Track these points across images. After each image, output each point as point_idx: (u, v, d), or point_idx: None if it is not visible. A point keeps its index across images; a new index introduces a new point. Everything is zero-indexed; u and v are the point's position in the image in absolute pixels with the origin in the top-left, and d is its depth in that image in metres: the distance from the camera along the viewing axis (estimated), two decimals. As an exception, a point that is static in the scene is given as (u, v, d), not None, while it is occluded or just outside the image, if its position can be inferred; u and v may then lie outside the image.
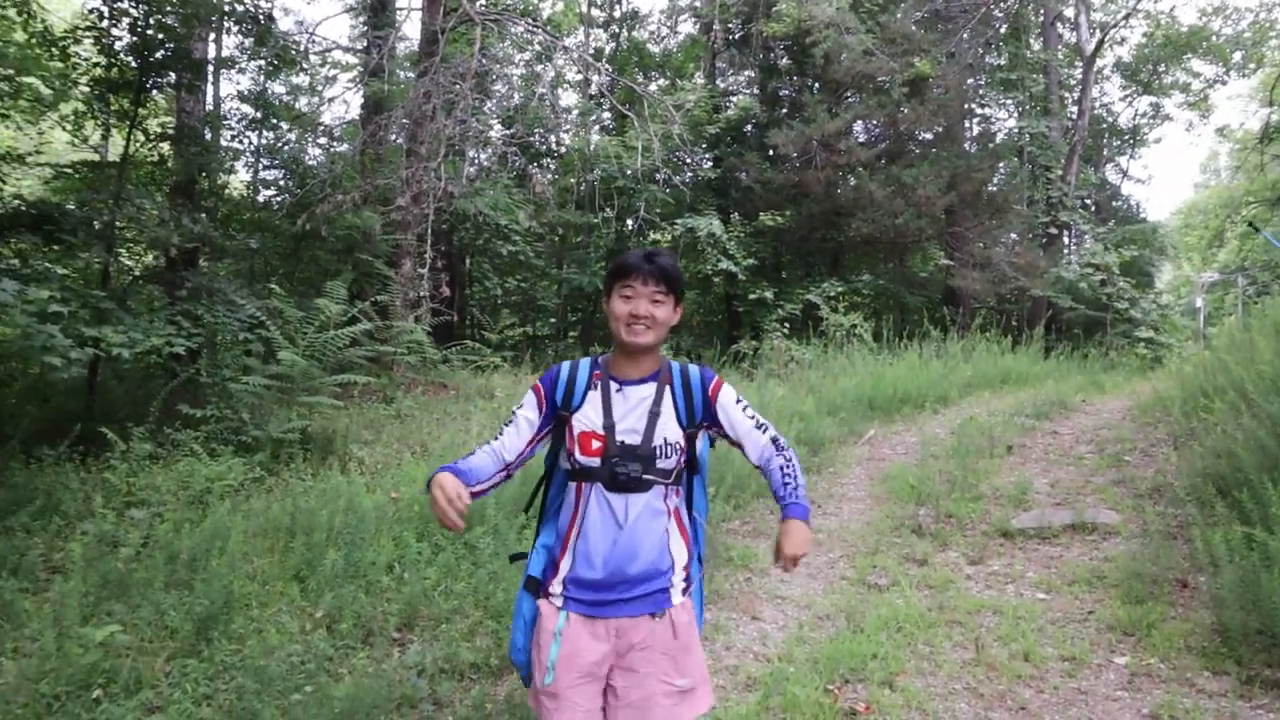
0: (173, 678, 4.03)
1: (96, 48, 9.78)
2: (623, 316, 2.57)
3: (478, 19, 11.92)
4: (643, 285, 2.57)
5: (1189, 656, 4.54)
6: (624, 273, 2.60)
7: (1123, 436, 9.49)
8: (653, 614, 2.56)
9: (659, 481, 2.56)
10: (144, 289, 9.64)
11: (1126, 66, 32.11)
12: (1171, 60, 30.63)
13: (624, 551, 2.52)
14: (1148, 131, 34.27)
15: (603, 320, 20.67)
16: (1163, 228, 32.63)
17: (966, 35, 20.82)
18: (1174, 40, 29.49)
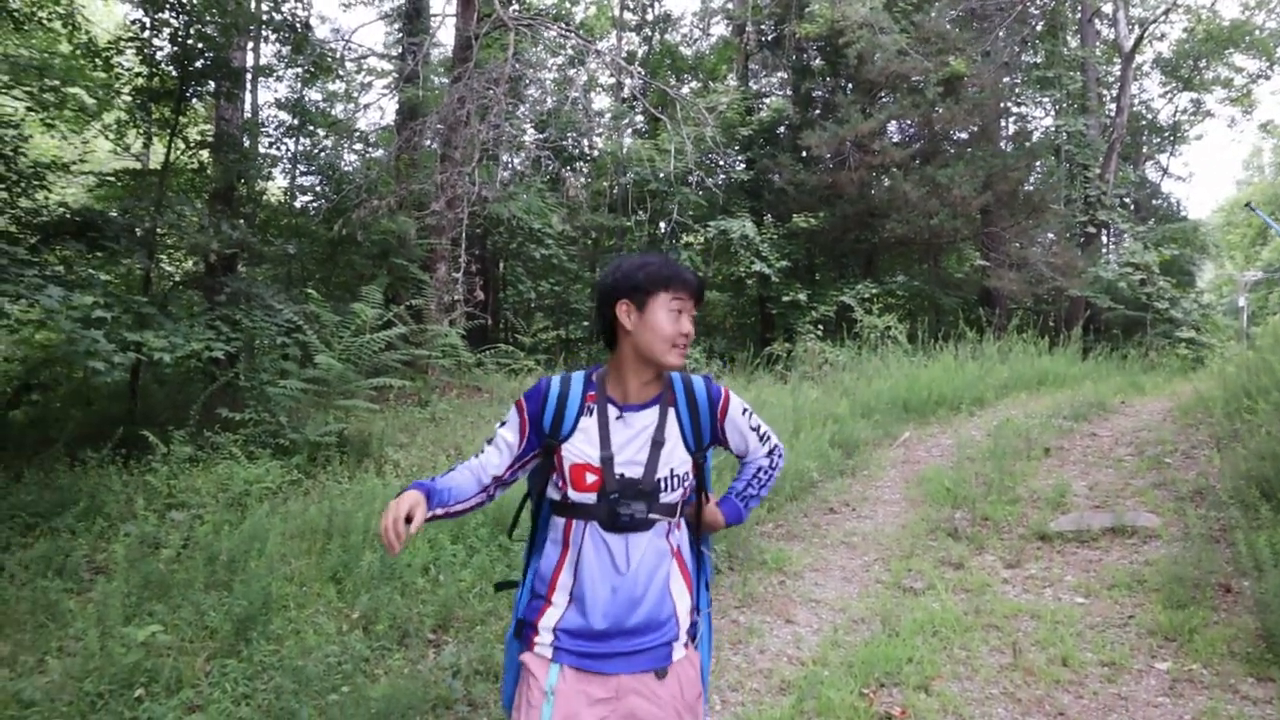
0: (212, 677, 4.08)
1: (138, 58, 9.95)
2: (673, 336, 2.27)
3: (511, 24, 11.98)
4: (689, 301, 2.31)
5: (1232, 662, 4.48)
6: (677, 284, 2.29)
7: (1163, 438, 9.36)
8: (656, 670, 2.25)
9: (663, 518, 2.29)
10: (184, 294, 9.81)
11: (1166, 62, 31.69)
12: (1213, 55, 30.20)
13: (625, 600, 2.23)
14: (1188, 128, 33.81)
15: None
16: (1204, 226, 32.16)
17: (1002, 33, 20.64)
18: (1215, 35, 29.07)
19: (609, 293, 2.32)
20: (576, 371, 2.38)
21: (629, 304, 2.28)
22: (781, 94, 23.03)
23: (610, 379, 2.35)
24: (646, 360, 2.30)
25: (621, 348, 2.33)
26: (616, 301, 2.30)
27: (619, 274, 2.32)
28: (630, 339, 2.29)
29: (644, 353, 2.29)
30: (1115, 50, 27.03)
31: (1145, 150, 32.94)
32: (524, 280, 19.69)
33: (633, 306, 2.28)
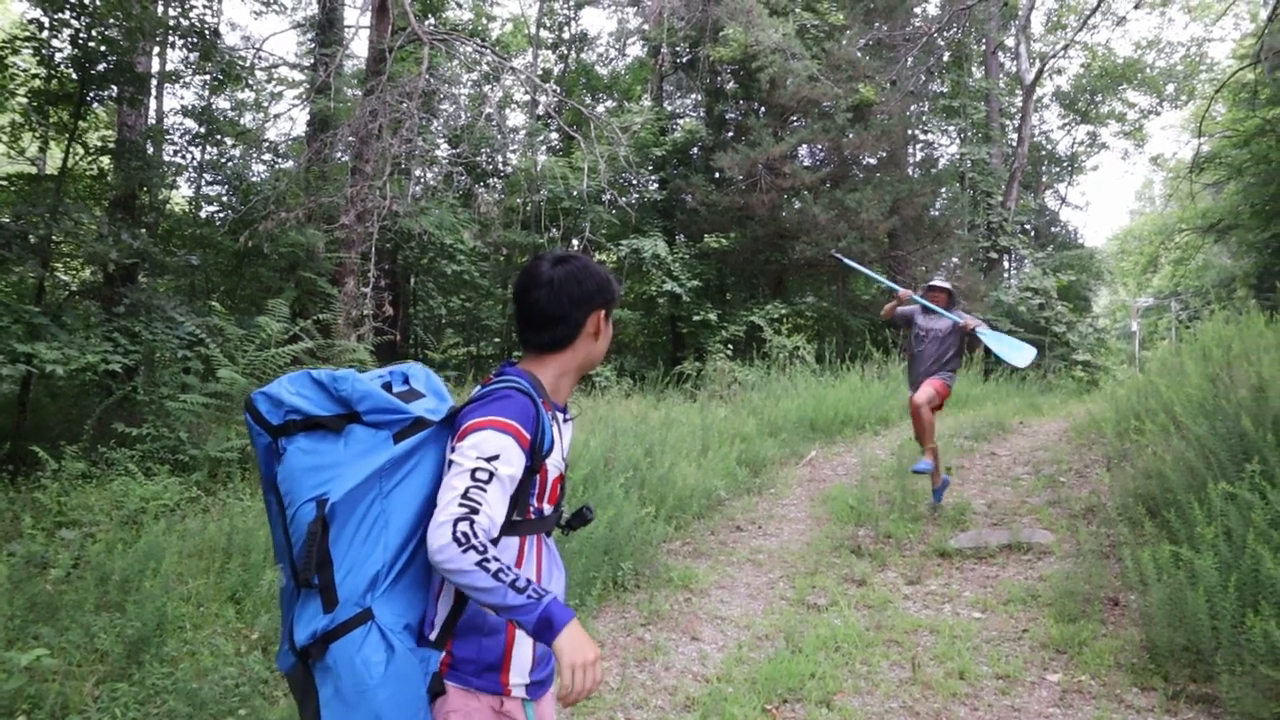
0: (101, 702, 3.94)
1: (35, 59, 9.62)
2: (607, 345, 2.32)
3: (426, 38, 11.90)
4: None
5: (1119, 673, 4.64)
6: (616, 297, 2.31)
7: (1058, 458, 9.68)
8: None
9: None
10: (80, 305, 9.48)
11: (1065, 96, 33.02)
12: (1108, 91, 31.58)
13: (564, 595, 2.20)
14: (1085, 159, 35.29)
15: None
16: (1099, 253, 33.41)
17: (910, 62, 21.20)
18: (1110, 71, 30.41)
19: (589, 298, 2.23)
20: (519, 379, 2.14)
21: (604, 313, 2.26)
22: (695, 116, 23.27)
23: (547, 385, 2.22)
24: (587, 369, 2.31)
25: (574, 354, 2.25)
26: (596, 308, 2.24)
27: (600, 279, 2.25)
28: (590, 348, 2.27)
29: (593, 363, 2.30)
30: (1017, 83, 28.01)
31: (1045, 179, 34.15)
32: (435, 296, 19.49)
33: (604, 316, 2.26)
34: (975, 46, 27.24)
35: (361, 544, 1.94)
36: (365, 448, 2.00)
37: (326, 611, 1.91)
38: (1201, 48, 30.09)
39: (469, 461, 1.94)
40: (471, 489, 1.91)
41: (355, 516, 1.95)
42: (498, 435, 1.99)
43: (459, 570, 1.82)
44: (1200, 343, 8.35)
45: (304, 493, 1.96)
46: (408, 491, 2.02)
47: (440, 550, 1.83)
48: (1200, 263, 32.24)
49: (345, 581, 1.92)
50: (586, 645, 1.90)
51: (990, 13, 24.14)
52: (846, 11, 20.06)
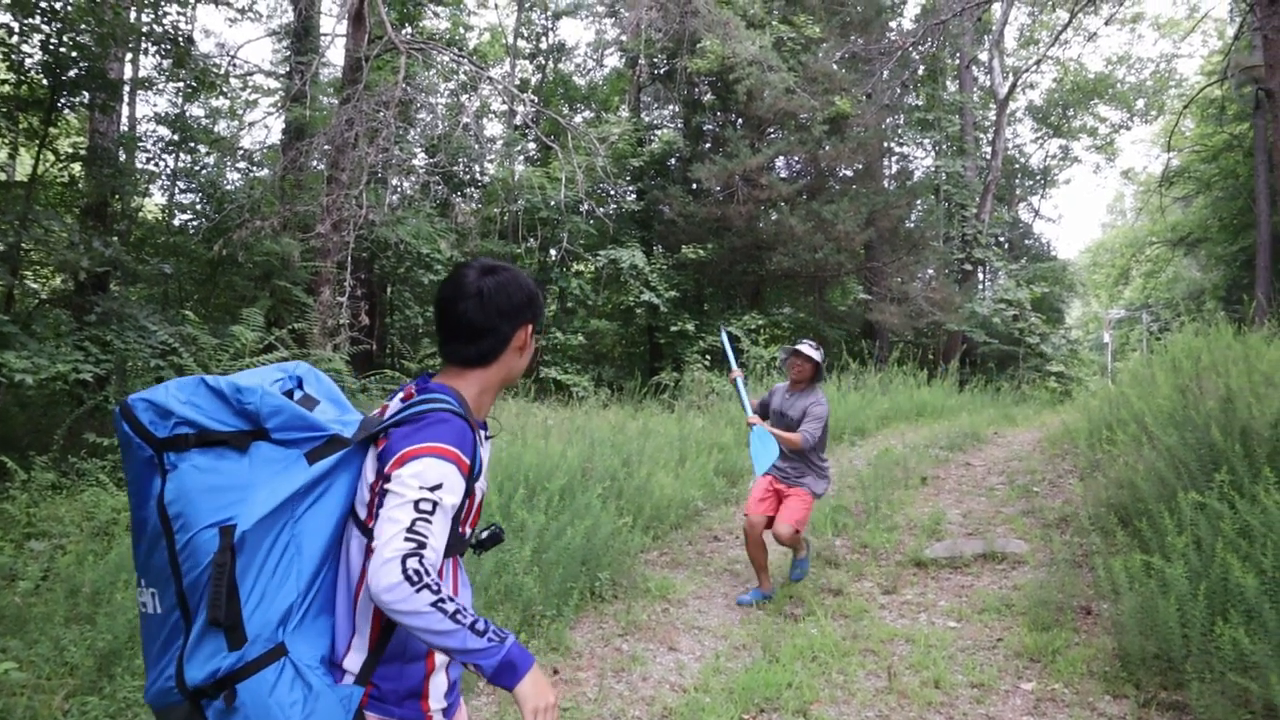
0: (71, 716, 3.88)
1: (4, 64, 9.52)
2: (530, 357, 2.22)
3: (403, 47, 11.89)
4: None
5: (1091, 681, 4.67)
6: (543, 311, 2.22)
7: (1032, 468, 9.75)
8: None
9: None
10: (50, 313, 9.36)
11: (1038, 110, 33.37)
12: (1080, 105, 31.95)
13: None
14: (1058, 172, 35.62)
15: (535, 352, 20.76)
16: (1072, 265, 33.80)
17: (885, 76, 21.36)
18: (1082, 86, 30.77)
19: (519, 311, 2.12)
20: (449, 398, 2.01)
21: (532, 327, 2.16)
22: (672, 127, 23.37)
23: (470, 401, 2.09)
24: (508, 384, 2.20)
25: (499, 369, 2.14)
26: (524, 322, 2.13)
27: (529, 292, 2.14)
28: (513, 363, 2.16)
29: (514, 378, 2.19)
30: (991, 97, 28.29)
31: (1018, 192, 34.47)
32: (411, 305, 19.42)
33: (532, 330, 2.16)
34: (950, 61, 27.50)
35: (272, 575, 1.79)
36: (276, 469, 1.84)
37: (233, 649, 1.75)
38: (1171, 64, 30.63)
39: (411, 492, 1.80)
40: (417, 522, 1.78)
41: (265, 545, 1.79)
42: (439, 463, 1.85)
43: (412, 611, 1.71)
44: (1170, 354, 8.45)
45: (203, 517, 1.76)
46: (320, 516, 1.88)
47: (390, 590, 1.71)
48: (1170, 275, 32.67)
49: (255, 616, 1.76)
50: (547, 689, 1.88)
51: (964, 28, 24.35)
52: (823, 25, 20.21)
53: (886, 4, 24.11)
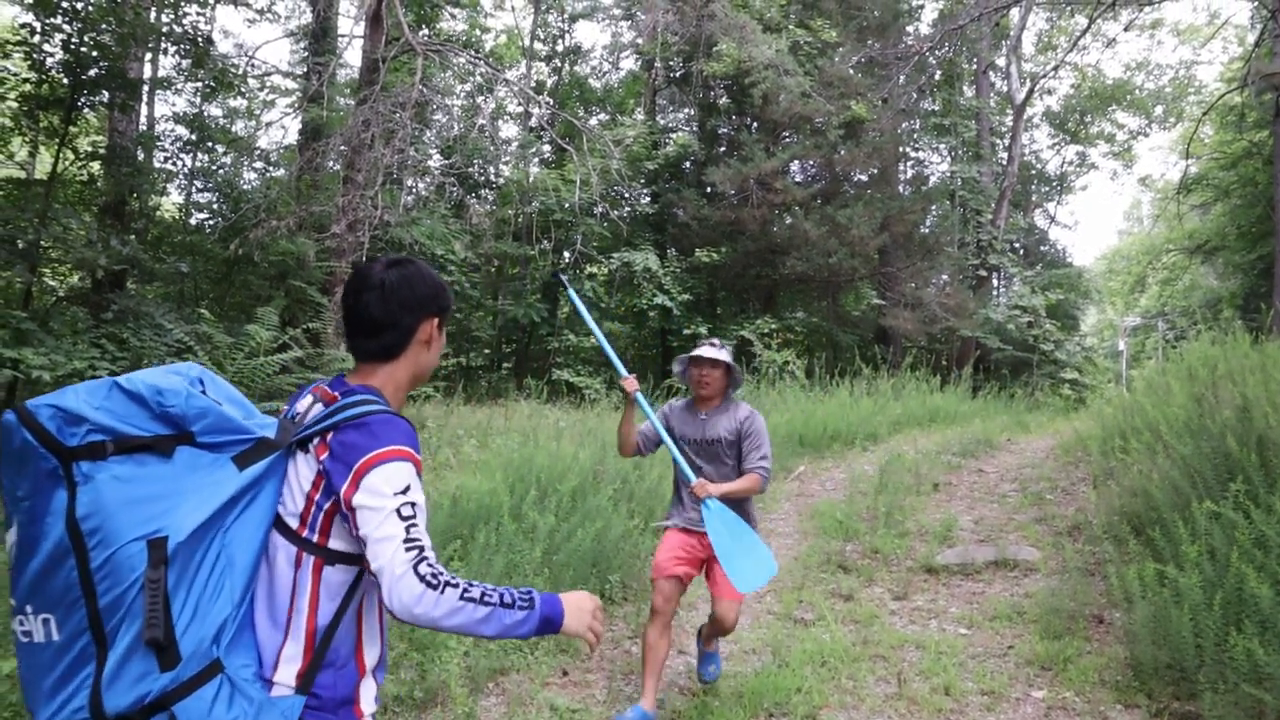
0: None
1: (27, 63, 9.60)
2: (439, 354, 2.20)
3: (420, 49, 11.93)
4: None
5: (1103, 690, 4.65)
6: (449, 306, 2.18)
7: (1045, 475, 9.70)
8: None
9: None
10: (68, 311, 9.44)
11: (1055, 116, 33.24)
12: (1097, 111, 31.81)
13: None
14: (1074, 179, 35.49)
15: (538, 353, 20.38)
16: (1088, 272, 33.62)
17: (901, 80, 21.32)
18: (1100, 92, 30.64)
19: (422, 303, 2.06)
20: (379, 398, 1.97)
21: (438, 321, 2.11)
22: (687, 130, 23.39)
23: (389, 399, 2.03)
24: (419, 382, 2.15)
25: (405, 365, 2.08)
26: (428, 315, 2.08)
27: (434, 285, 2.10)
28: (420, 358, 2.10)
29: (423, 375, 2.14)
30: (1008, 102, 28.20)
31: (1034, 198, 34.33)
32: (426, 305, 19.46)
33: (438, 324, 2.11)
34: (966, 66, 27.43)
35: (204, 589, 1.70)
36: (203, 475, 1.74)
37: (165, 669, 1.64)
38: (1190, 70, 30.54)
39: (389, 501, 1.76)
40: (410, 528, 1.75)
41: (197, 558, 1.69)
42: (400, 465, 1.82)
43: (448, 612, 1.70)
44: (1186, 363, 8.40)
45: (127, 531, 1.63)
46: (250, 524, 1.80)
47: (417, 603, 1.69)
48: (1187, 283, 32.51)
49: (188, 634, 1.66)
50: (584, 608, 1.91)
51: (982, 32, 24.29)
52: (839, 29, 20.19)
53: (904, 9, 24.07)
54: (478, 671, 4.70)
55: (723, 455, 4.48)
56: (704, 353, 4.47)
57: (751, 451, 4.43)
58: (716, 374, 4.49)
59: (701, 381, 4.51)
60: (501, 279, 22.20)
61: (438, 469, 8.66)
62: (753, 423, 4.48)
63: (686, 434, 4.54)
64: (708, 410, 4.56)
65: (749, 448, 4.44)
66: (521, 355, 22.07)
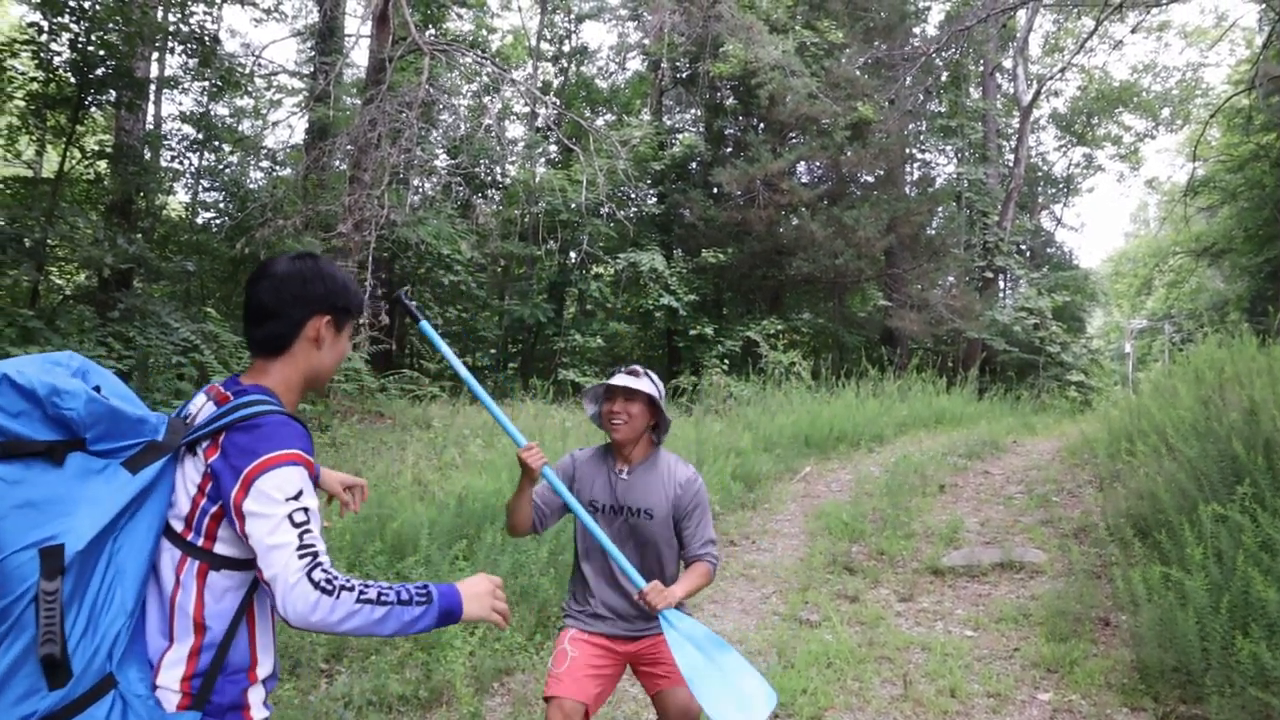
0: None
1: (34, 62, 9.63)
2: (341, 363, 2.12)
3: (426, 49, 11.94)
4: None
5: (1109, 693, 4.64)
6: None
7: (1051, 477, 9.69)
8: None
9: None
10: (74, 309, 9.46)
11: (1061, 118, 33.20)
12: (1104, 113, 31.76)
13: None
14: (1081, 181, 35.45)
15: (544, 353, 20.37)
16: (1094, 275, 33.57)
17: (908, 82, 21.31)
18: (1107, 94, 30.59)
19: (313, 300, 1.98)
20: (271, 398, 1.90)
21: (330, 320, 2.01)
22: (694, 130, 23.37)
23: (284, 400, 1.96)
24: (313, 384, 2.07)
25: (294, 362, 2.00)
26: (319, 312, 1.99)
27: (333, 284, 2.01)
28: (310, 357, 2.02)
29: (316, 377, 2.06)
30: (1014, 104, 28.17)
31: (1041, 200, 34.30)
32: (431, 306, 19.49)
33: (332, 325, 2.03)
34: (973, 67, 27.41)
35: (96, 599, 1.62)
36: (98, 481, 1.66)
37: (55, 687, 1.55)
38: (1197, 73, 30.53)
39: (280, 508, 1.70)
40: (303, 535, 1.70)
41: (91, 567, 1.61)
42: (293, 469, 1.76)
43: (344, 617, 1.67)
44: (1193, 365, 8.39)
45: (17, 538, 1.55)
46: (140, 530, 1.72)
47: (313, 610, 1.65)
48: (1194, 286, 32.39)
49: (80, 648, 1.58)
50: (481, 590, 1.89)
51: (989, 34, 24.29)
52: (846, 30, 20.17)
53: (910, 10, 24.04)
54: (483, 671, 4.70)
55: (645, 533, 3.25)
56: (617, 381, 3.24)
57: (697, 533, 3.29)
58: (634, 409, 3.24)
59: (611, 418, 3.25)
60: (507, 279, 22.21)
61: (444, 469, 8.66)
62: (697, 490, 3.32)
63: (595, 498, 3.29)
64: (629, 466, 3.31)
65: (692, 526, 3.29)
66: (527, 355, 22.07)
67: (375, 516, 6.08)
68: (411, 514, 6.14)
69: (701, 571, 3.23)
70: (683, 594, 3.07)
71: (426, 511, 6.28)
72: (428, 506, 6.59)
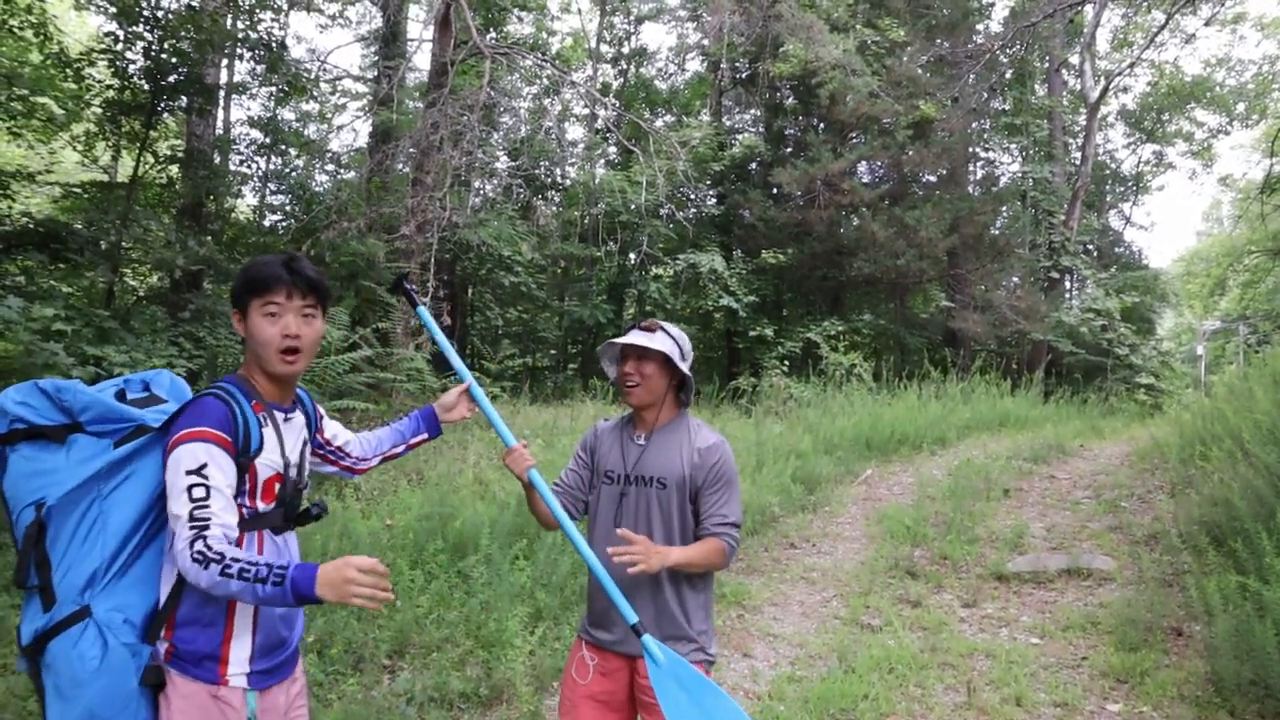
0: None
1: (110, 70, 9.89)
2: (273, 340, 2.20)
3: (487, 52, 12.04)
4: (288, 300, 2.22)
5: (1182, 705, 4.52)
6: (263, 286, 2.21)
7: (1120, 482, 9.48)
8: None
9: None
10: (147, 309, 9.69)
11: (1130, 114, 32.43)
12: (1175, 109, 30.95)
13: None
14: (1151, 179, 34.57)
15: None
16: (1164, 275, 32.72)
17: (972, 80, 20.99)
18: (1178, 89, 29.79)
19: (232, 302, 2.29)
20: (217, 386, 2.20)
21: (236, 313, 2.27)
22: (754, 131, 23.29)
23: (258, 384, 2.27)
24: (264, 367, 2.25)
25: (248, 354, 2.29)
26: (233, 310, 2.29)
27: (235, 280, 2.28)
28: (251, 346, 2.26)
29: (260, 360, 2.25)
30: (1081, 100, 27.58)
31: (1108, 199, 33.56)
32: (492, 307, 19.68)
33: (239, 314, 2.26)
34: (1038, 64, 26.90)
35: (80, 544, 2.03)
36: (86, 455, 2.09)
37: (45, 610, 2.00)
38: (1274, 65, 29.31)
39: (180, 479, 2.01)
40: (195, 510, 1.99)
41: (73, 518, 2.03)
42: (199, 445, 2.04)
43: (211, 586, 1.95)
44: (1269, 367, 8.16)
45: (24, 498, 2.06)
46: (127, 493, 2.09)
47: (190, 573, 1.96)
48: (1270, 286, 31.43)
49: (64, 581, 2.01)
50: (339, 574, 1.96)
51: (1055, 29, 23.81)
52: (908, 28, 19.93)
53: (974, 6, 23.67)
54: (543, 671, 4.72)
55: (661, 504, 2.84)
56: (627, 339, 2.89)
57: (715, 503, 2.82)
58: (648, 369, 2.86)
59: (625, 380, 2.91)
60: (567, 280, 22.32)
61: (504, 469, 8.71)
62: (720, 459, 2.85)
63: (610, 467, 2.96)
64: (648, 431, 2.95)
65: (710, 501, 2.83)
66: (587, 356, 22.14)
67: (437, 515, 6.14)
68: (472, 513, 6.19)
69: (713, 547, 2.77)
70: (680, 559, 2.67)
71: (487, 511, 6.32)
72: (488, 506, 6.64)
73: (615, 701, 2.81)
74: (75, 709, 1.96)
